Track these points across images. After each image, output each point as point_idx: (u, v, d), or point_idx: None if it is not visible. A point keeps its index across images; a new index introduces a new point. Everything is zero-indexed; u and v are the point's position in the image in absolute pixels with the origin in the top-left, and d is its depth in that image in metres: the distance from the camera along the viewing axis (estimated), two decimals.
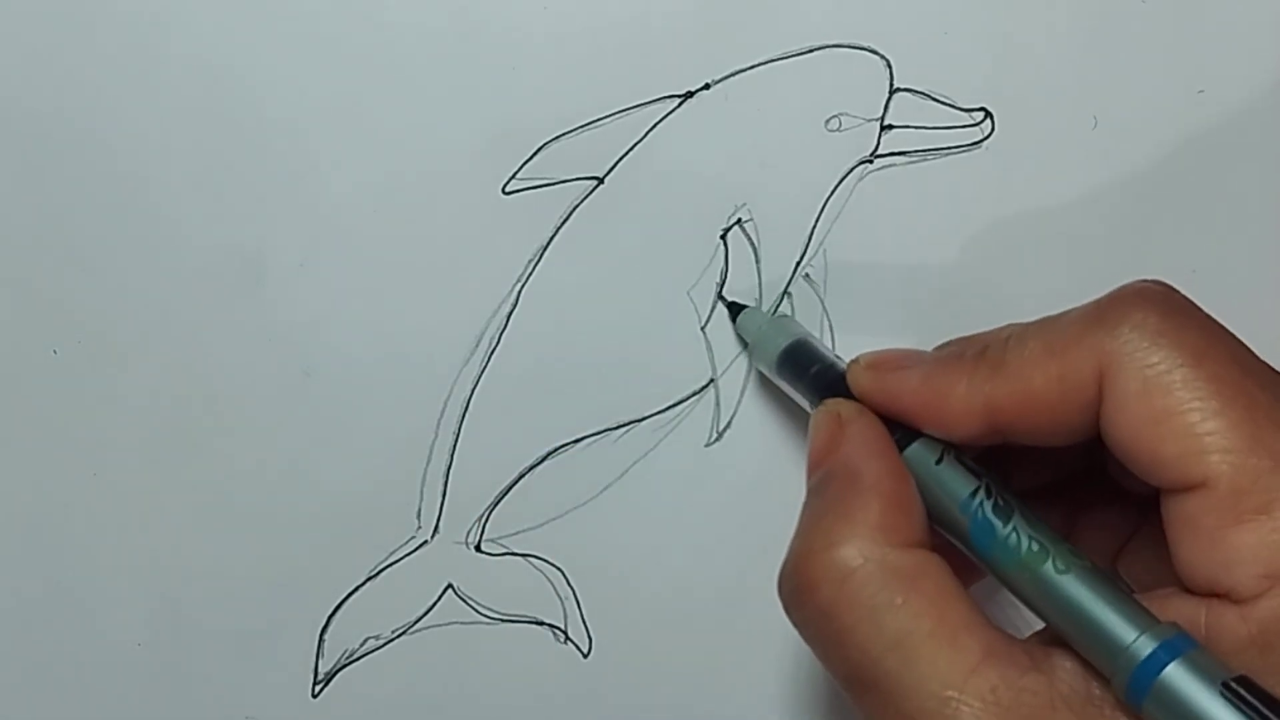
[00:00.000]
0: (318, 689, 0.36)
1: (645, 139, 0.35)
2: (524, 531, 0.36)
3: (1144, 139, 0.36)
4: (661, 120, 0.35)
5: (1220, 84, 0.36)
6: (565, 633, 0.36)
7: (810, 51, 0.35)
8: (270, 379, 0.35)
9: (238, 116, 0.34)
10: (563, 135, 0.34)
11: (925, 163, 0.36)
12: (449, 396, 0.35)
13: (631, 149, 0.35)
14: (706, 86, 0.35)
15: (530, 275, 0.35)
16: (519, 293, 0.35)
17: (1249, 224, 0.37)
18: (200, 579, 0.35)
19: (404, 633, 0.36)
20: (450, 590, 0.36)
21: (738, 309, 0.35)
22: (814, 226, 0.36)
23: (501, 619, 0.36)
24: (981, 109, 0.36)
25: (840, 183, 0.36)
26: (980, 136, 0.36)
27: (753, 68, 0.35)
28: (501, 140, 0.34)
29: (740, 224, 0.35)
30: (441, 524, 0.35)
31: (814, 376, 0.32)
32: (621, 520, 0.36)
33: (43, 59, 0.34)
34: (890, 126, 0.36)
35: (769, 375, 0.34)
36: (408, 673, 0.36)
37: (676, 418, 0.36)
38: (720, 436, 0.36)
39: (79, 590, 0.35)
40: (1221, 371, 0.26)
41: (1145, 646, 0.24)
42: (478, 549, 0.36)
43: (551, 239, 0.35)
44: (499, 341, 0.35)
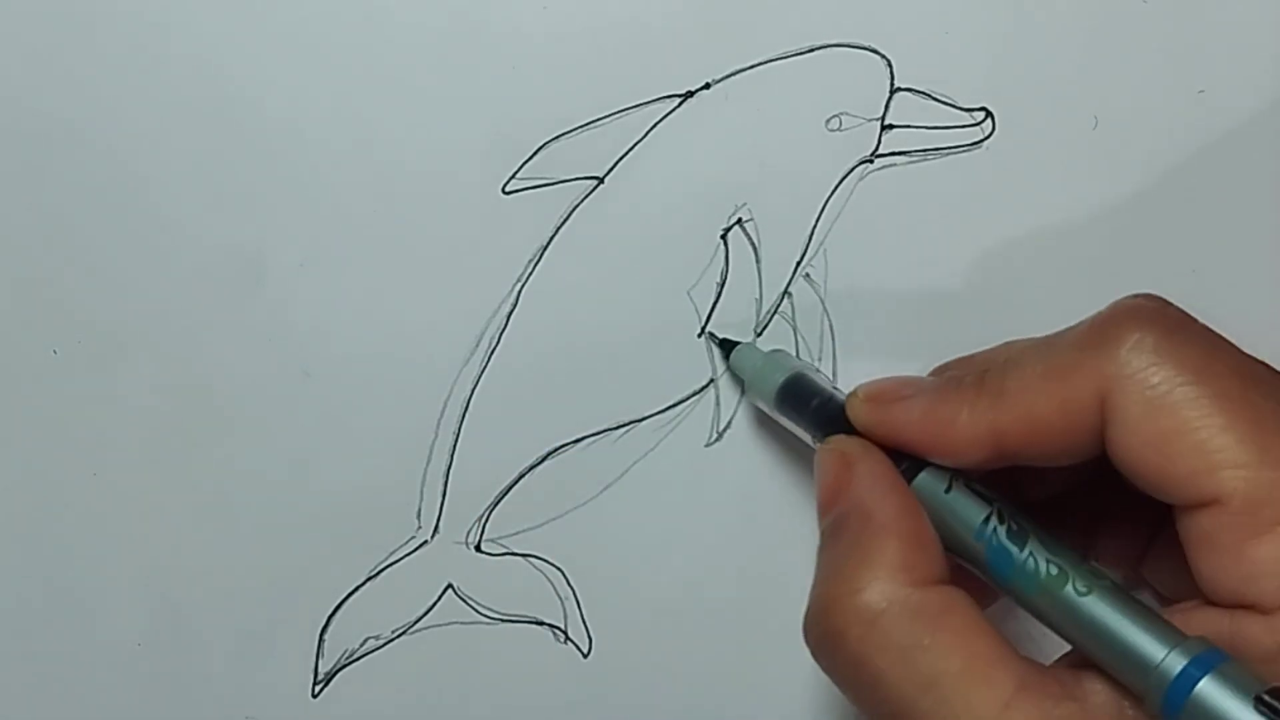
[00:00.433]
0: (318, 689, 0.36)
1: (645, 139, 0.35)
2: (524, 531, 0.36)
3: (1144, 139, 0.36)
4: (661, 120, 0.35)
5: (1220, 84, 0.36)
6: (565, 633, 0.36)
7: (810, 51, 0.35)
8: (270, 379, 0.35)
9: (238, 116, 0.34)
10: (563, 135, 0.34)
11: (925, 163, 0.36)
12: (449, 396, 0.35)
13: (631, 149, 0.35)
14: (706, 86, 0.35)
15: (530, 275, 0.35)
16: (519, 293, 0.35)
17: (1249, 224, 0.37)
18: (200, 579, 0.35)
19: (404, 633, 0.36)
20: (450, 590, 0.36)
21: (730, 346, 0.35)
22: (814, 226, 0.36)
23: (501, 619, 0.36)
24: (981, 109, 0.36)
25: (840, 183, 0.36)
26: (980, 136, 0.36)
27: (753, 68, 0.35)
28: (501, 140, 0.34)
29: (740, 224, 0.35)
30: (441, 524, 0.35)
31: (814, 411, 0.32)
32: (621, 520, 0.36)
33: (43, 59, 0.34)
34: (890, 126, 0.36)
35: (767, 411, 0.34)
36: (408, 673, 0.36)
37: (676, 418, 0.36)
38: (720, 436, 0.36)
39: (79, 590, 0.35)
40: (1224, 385, 0.25)
41: (1176, 663, 0.24)
42: (478, 549, 0.36)
43: (551, 239, 0.35)
44: (499, 341, 0.35)
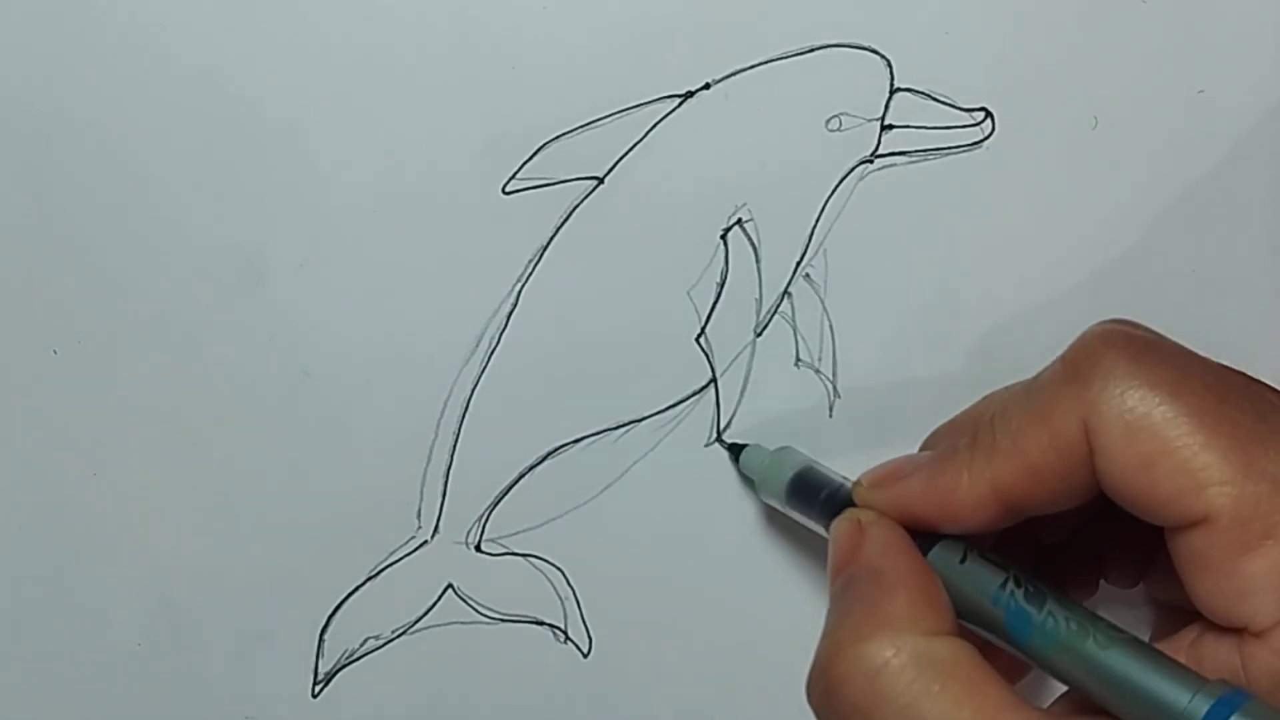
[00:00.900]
0: (318, 689, 0.36)
1: (645, 139, 0.35)
2: (524, 531, 0.36)
3: (1144, 139, 0.36)
4: (661, 120, 0.35)
5: (1220, 84, 0.36)
6: (565, 633, 0.36)
7: (810, 51, 0.35)
8: (270, 379, 0.35)
9: (238, 117, 0.34)
10: (563, 135, 0.34)
11: (925, 163, 0.36)
12: (449, 396, 0.35)
13: (631, 149, 0.35)
14: (706, 86, 0.35)
15: (530, 275, 0.35)
16: (519, 293, 0.35)
17: (1249, 224, 0.37)
18: (200, 579, 0.35)
19: (404, 633, 0.36)
20: (450, 590, 0.36)
21: (738, 449, 0.36)
22: (814, 226, 0.36)
23: (501, 619, 0.36)
24: (981, 109, 0.36)
25: (840, 183, 0.36)
26: (980, 136, 0.36)
27: (753, 68, 0.35)
28: (501, 140, 0.34)
29: (740, 224, 0.35)
30: (441, 524, 0.35)
31: (824, 502, 0.32)
32: (621, 520, 0.36)
33: (43, 59, 0.34)
34: (890, 126, 0.36)
35: (779, 508, 0.34)
36: (408, 673, 0.36)
37: (676, 418, 0.36)
38: (720, 436, 0.36)
39: (79, 590, 0.35)
40: (1199, 403, 0.26)
41: (1201, 706, 0.24)
42: (478, 549, 0.36)
43: (551, 239, 0.35)
44: (499, 341, 0.35)
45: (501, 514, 0.36)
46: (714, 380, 0.36)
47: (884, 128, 0.36)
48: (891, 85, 0.35)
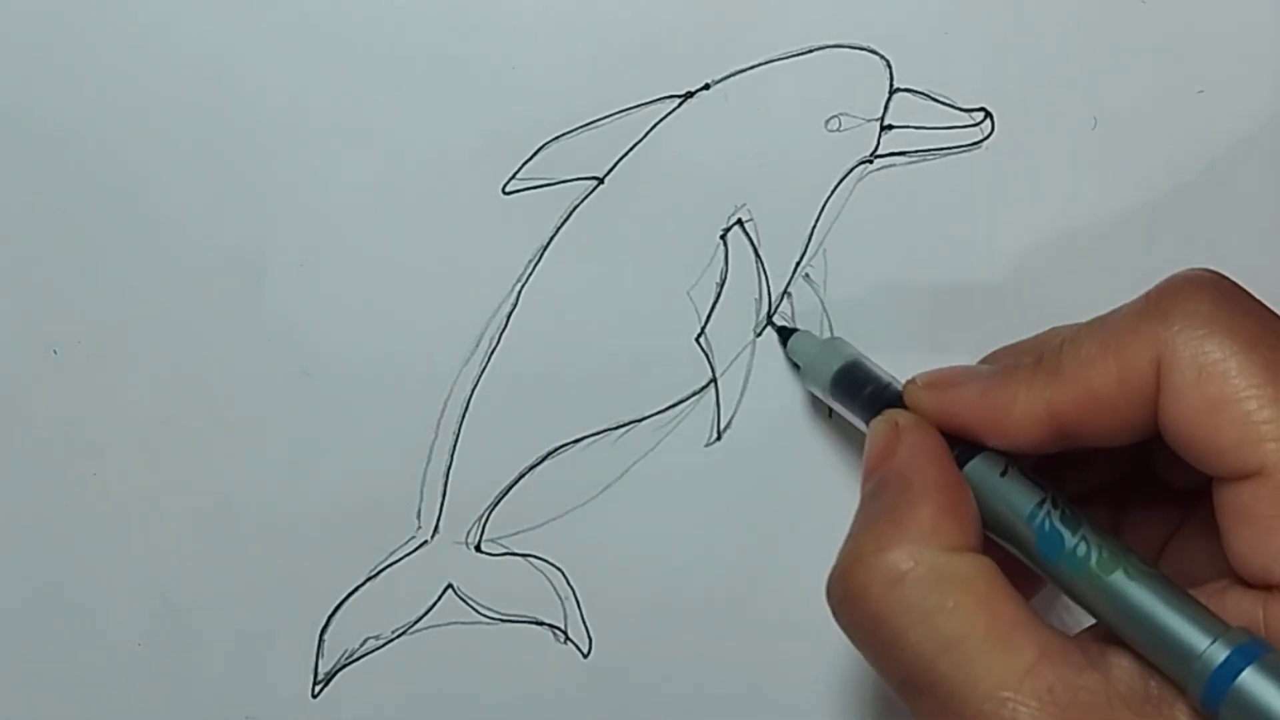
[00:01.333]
0: (318, 689, 0.36)
1: (645, 139, 0.35)
2: (524, 531, 0.36)
3: (1144, 139, 0.36)
4: (661, 120, 0.35)
5: (1220, 84, 0.36)
6: (565, 633, 0.36)
7: (810, 51, 0.35)
8: (270, 379, 0.35)
9: (238, 116, 0.34)
10: (563, 135, 0.34)
11: (925, 163, 0.36)
12: (449, 396, 0.35)
13: (632, 149, 0.35)
14: (706, 86, 0.35)
15: (530, 275, 0.35)
16: (519, 293, 0.35)
17: (1249, 224, 0.37)
18: (200, 579, 0.35)
19: (404, 633, 0.36)
20: (450, 590, 0.36)
21: (788, 333, 0.35)
22: (814, 226, 0.36)
23: (501, 619, 0.36)
24: (981, 109, 0.36)
25: (840, 183, 0.36)
26: (980, 136, 0.36)
27: (753, 68, 0.35)
28: (501, 140, 0.34)
29: (740, 224, 0.35)
30: (441, 524, 0.35)
31: (869, 397, 0.32)
32: (621, 520, 0.36)
33: (43, 59, 0.34)
34: (890, 126, 0.36)
35: (822, 398, 0.34)
36: (408, 673, 0.36)
37: (676, 418, 0.36)
38: (720, 436, 0.36)
39: (79, 590, 0.35)
40: (1276, 358, 0.26)
41: (1219, 652, 0.24)
42: (478, 549, 0.36)
43: (551, 239, 0.35)
44: (499, 341, 0.35)
45: (501, 514, 0.36)
46: (714, 380, 0.36)
47: (884, 128, 0.36)
48: (891, 85, 0.35)
